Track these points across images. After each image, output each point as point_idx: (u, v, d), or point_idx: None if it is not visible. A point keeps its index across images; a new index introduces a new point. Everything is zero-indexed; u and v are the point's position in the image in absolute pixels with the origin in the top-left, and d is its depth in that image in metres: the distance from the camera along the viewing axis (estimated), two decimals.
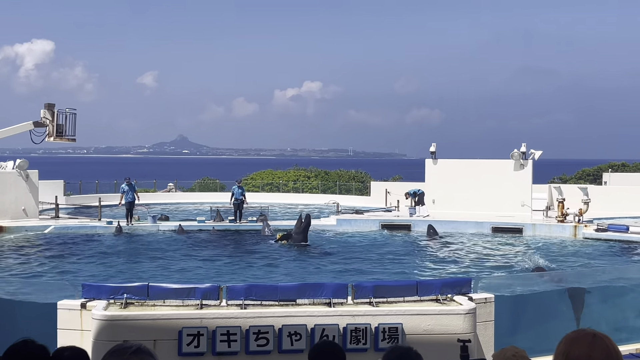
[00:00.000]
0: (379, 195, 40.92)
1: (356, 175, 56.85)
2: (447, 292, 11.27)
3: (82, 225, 29.31)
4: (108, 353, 3.32)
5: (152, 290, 10.85)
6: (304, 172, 56.67)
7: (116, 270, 20.25)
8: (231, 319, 10.20)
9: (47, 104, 31.44)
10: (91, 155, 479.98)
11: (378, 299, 10.90)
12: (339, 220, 30.94)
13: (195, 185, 53.87)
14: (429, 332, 10.41)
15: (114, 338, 9.97)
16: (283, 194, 48.10)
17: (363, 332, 10.21)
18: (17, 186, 30.30)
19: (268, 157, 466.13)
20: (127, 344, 3.30)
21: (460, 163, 35.38)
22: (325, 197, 44.52)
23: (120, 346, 3.30)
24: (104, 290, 11.02)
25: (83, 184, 46.01)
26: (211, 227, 29.35)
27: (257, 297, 10.76)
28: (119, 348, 3.29)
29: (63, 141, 32.27)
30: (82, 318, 10.79)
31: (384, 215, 33.62)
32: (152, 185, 52.82)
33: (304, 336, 10.09)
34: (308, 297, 10.83)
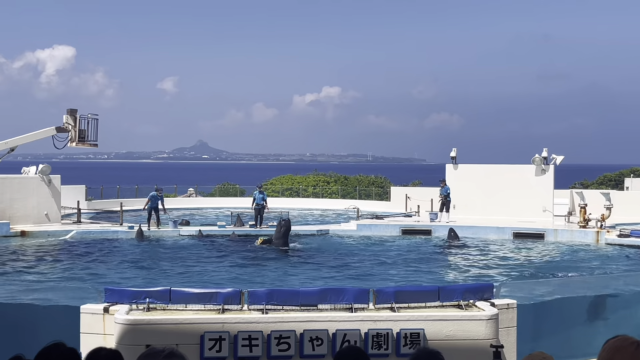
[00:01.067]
0: (399, 200, 40.82)
1: (376, 180, 56.75)
2: (469, 297, 11.21)
3: (103, 230, 29.49)
4: (142, 356, 3.33)
5: (174, 294, 10.89)
6: (324, 177, 56.66)
7: (138, 274, 20.35)
8: (253, 324, 10.21)
9: (69, 110, 31.66)
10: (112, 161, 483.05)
11: (399, 304, 10.87)
12: (359, 225, 30.89)
13: (216, 190, 54.03)
14: (451, 338, 10.36)
15: (137, 342, 10.02)
16: (303, 199, 48.12)
17: (385, 338, 10.18)
18: (39, 191, 30.54)
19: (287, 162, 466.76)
20: (159, 347, 3.31)
21: (480, 168, 35.23)
22: (345, 202, 44.47)
23: (153, 349, 3.32)
24: (126, 295, 11.07)
25: (104, 189, 46.27)
26: (231, 231, 29.42)
27: (278, 302, 10.77)
28: (151, 352, 3.31)
29: (85, 146, 32.47)
30: (104, 322, 10.84)
31: (404, 220, 33.53)
32: (172, 190, 53.04)
33: (325, 341, 10.08)
34: (329, 302, 10.83)
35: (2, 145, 30.60)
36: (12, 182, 30.53)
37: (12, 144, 30.69)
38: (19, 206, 29.83)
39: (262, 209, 30.97)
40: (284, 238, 25.75)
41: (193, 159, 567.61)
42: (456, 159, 35.08)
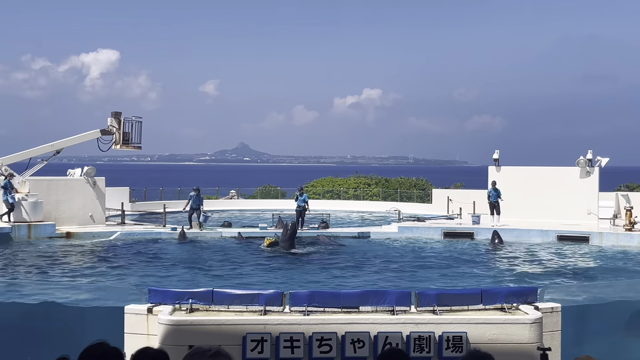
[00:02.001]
0: (441, 203, 40.57)
1: (417, 182, 56.50)
2: (513, 301, 11.10)
3: (147, 231, 29.82)
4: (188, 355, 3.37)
5: (217, 295, 10.97)
6: (365, 180, 56.56)
7: (180, 275, 20.54)
8: (294, 325, 10.24)
9: (113, 113, 32.08)
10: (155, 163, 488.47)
11: (442, 307, 10.80)
12: (401, 227, 30.78)
13: (257, 192, 54.31)
14: (493, 342, 10.26)
15: (180, 343, 10.12)
16: (343, 201, 48.11)
17: (427, 341, 10.13)
18: (84, 193, 31.00)
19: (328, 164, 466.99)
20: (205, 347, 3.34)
21: (524, 170, 34.87)
22: (386, 205, 44.35)
23: (199, 349, 3.35)
24: (169, 295, 11.19)
25: (148, 191, 46.81)
26: (272, 234, 29.52)
27: (320, 304, 10.78)
28: (198, 351, 3.34)
29: (129, 149, 32.87)
30: (148, 323, 10.96)
31: (446, 222, 33.31)
32: (214, 192, 53.44)
33: (367, 344, 10.06)
34: (371, 304, 10.81)
35: (48, 147, 31.13)
36: (58, 184, 31.05)
37: (58, 146, 31.21)
38: (64, 208, 30.32)
39: (303, 211, 31.04)
40: (290, 240, 25.96)
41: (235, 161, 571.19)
42: (499, 161, 34.76)
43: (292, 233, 26.12)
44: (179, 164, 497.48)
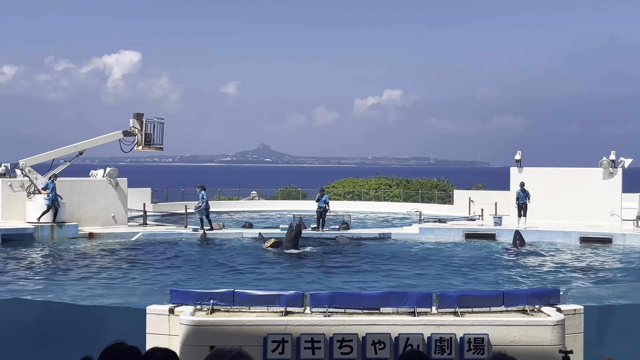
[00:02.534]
0: (462, 204, 40.43)
1: (438, 183, 56.31)
2: (535, 302, 11.04)
3: (169, 232, 29.97)
4: (209, 356, 3.38)
5: (238, 296, 11.00)
6: (385, 181, 56.47)
7: (201, 276, 20.61)
8: (315, 327, 10.25)
9: (135, 114, 32.26)
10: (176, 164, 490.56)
11: (463, 308, 10.77)
12: (422, 228, 30.69)
13: (278, 193, 54.39)
14: (515, 344, 10.21)
15: (201, 343, 10.16)
16: (364, 202, 48.06)
17: (448, 342, 10.10)
18: (107, 194, 31.20)
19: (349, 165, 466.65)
20: (226, 348, 3.36)
21: (546, 171, 34.65)
22: (407, 206, 44.23)
23: (220, 350, 3.37)
24: (191, 296, 11.24)
25: (170, 191, 47.04)
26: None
27: (340, 305, 10.78)
28: (219, 352, 3.36)
29: (151, 150, 33.04)
30: (170, 323, 11.02)
31: (467, 224, 33.18)
32: (235, 193, 53.59)
33: (387, 345, 10.05)
34: (392, 305, 10.79)
35: (71, 148, 31.37)
36: (81, 184, 31.28)
37: (81, 147, 31.44)
38: (87, 208, 30.54)
39: (324, 212, 31.05)
40: (294, 241, 25.86)
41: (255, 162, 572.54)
42: (521, 162, 34.57)
43: (296, 234, 26.08)
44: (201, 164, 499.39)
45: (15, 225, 28.39)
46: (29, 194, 29.32)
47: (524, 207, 31.14)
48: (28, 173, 29.41)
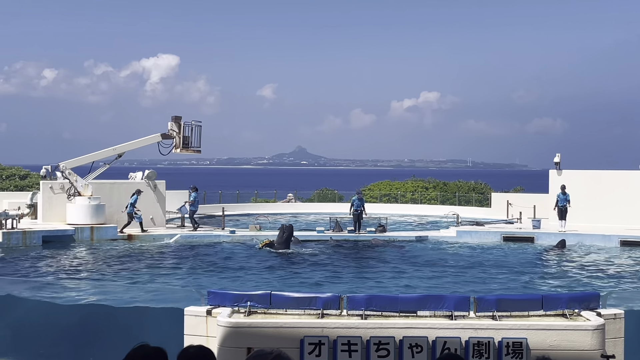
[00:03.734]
0: (500, 207, 40.09)
1: (476, 186, 55.87)
2: (574, 307, 10.92)
3: (206, 234, 30.17)
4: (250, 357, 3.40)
5: (275, 298, 11.04)
6: (422, 183, 56.20)
7: (237, 278, 20.71)
8: (352, 329, 10.25)
9: (174, 117, 32.52)
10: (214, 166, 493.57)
11: (501, 312, 10.68)
12: (459, 231, 30.50)
13: (314, 195, 54.44)
14: (554, 348, 10.10)
15: (238, 345, 10.21)
16: (401, 204, 47.90)
17: (486, 346, 10.02)
18: (145, 196, 31.50)
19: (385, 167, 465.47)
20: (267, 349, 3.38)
21: (586, 174, 34.18)
22: (444, 208, 43.97)
23: (261, 352, 3.39)
24: (228, 298, 11.31)
25: (207, 194, 47.34)
26: (328, 237, 29.59)
27: (377, 308, 10.76)
28: (259, 353, 3.38)
29: (189, 152, 33.28)
30: (207, 324, 11.10)
31: (505, 227, 32.89)
32: (272, 195, 53.81)
33: (425, 348, 10.01)
34: (429, 308, 10.75)
35: (110, 151, 31.75)
36: (120, 187, 31.66)
37: (120, 150, 31.80)
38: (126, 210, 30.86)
39: (360, 215, 31.01)
40: (286, 243, 26.35)
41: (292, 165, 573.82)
42: (560, 165, 34.18)
43: (287, 235, 26.53)
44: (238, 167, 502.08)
45: (56, 226, 28.82)
46: (69, 196, 29.74)
47: (564, 210, 30.73)
48: (68, 175, 29.83)
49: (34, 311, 15.73)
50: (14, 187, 43.80)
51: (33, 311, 15.74)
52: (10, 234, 26.26)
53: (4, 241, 25.84)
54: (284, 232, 26.57)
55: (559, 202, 31.00)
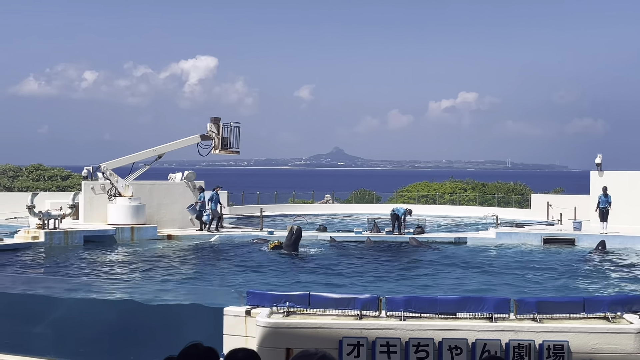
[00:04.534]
0: (540, 208, 39.67)
1: (515, 187, 55.34)
2: (617, 309, 10.74)
3: (245, 234, 30.34)
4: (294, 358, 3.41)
5: (313, 299, 11.05)
6: (461, 184, 55.83)
7: (275, 278, 20.79)
8: (391, 330, 10.21)
9: (213, 118, 32.76)
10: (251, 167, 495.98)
11: (542, 315, 10.56)
12: (499, 233, 30.24)
13: (352, 196, 54.41)
14: (597, 352, 9.96)
15: (277, 345, 10.24)
16: (439, 206, 47.66)
17: (526, 349, 9.92)
18: (185, 197, 31.77)
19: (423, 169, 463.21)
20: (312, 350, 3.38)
21: (628, 175, 33.62)
22: (483, 210, 43.66)
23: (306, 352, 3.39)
24: (267, 298, 11.34)
25: (245, 194, 47.60)
26: (366, 238, 29.55)
27: (416, 309, 10.71)
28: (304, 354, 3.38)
29: (227, 153, 33.48)
30: (246, 324, 11.15)
31: (545, 228, 32.54)
32: (310, 196, 53.90)
33: (464, 351, 9.93)
34: (469, 310, 10.67)
35: (151, 152, 32.09)
36: (160, 187, 31.98)
37: (160, 151, 32.12)
38: (165, 211, 31.18)
39: (400, 216, 30.89)
40: (295, 244, 26.48)
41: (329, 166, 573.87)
42: (601, 166, 33.69)
43: (296, 237, 26.69)
44: (275, 168, 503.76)
45: (97, 227, 29.22)
46: (110, 197, 30.12)
47: (605, 212, 30.27)
48: (109, 176, 30.22)
49: (74, 310, 15.96)
50: (56, 188, 44.52)
51: (73, 310, 15.97)
52: (53, 234, 26.68)
53: (46, 241, 26.27)
54: (293, 233, 26.75)
55: (601, 204, 30.56)
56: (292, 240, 26.57)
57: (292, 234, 26.77)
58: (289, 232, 27.11)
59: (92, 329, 15.42)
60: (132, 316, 15.41)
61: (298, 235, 26.84)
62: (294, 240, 26.62)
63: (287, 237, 26.86)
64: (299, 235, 26.91)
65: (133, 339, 14.79)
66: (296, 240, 26.67)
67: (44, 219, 27.05)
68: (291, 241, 26.55)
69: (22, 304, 16.49)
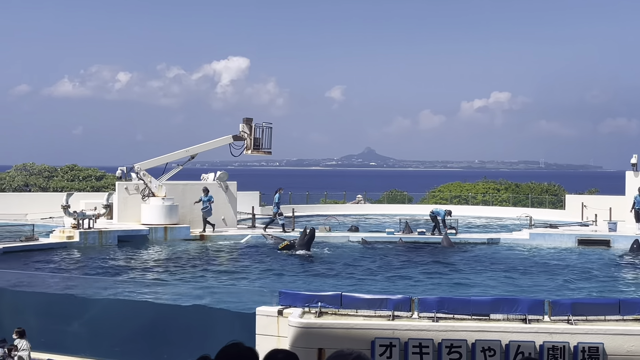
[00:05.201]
0: (574, 209, 39.21)
1: (549, 187, 54.78)
2: None
3: (276, 234, 30.38)
4: (329, 358, 3.41)
5: (345, 299, 11.05)
6: (494, 185, 55.40)
7: (306, 278, 20.80)
8: (423, 332, 10.18)
9: (245, 119, 32.85)
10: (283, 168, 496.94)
11: (577, 316, 10.45)
12: (532, 234, 29.95)
13: (383, 197, 54.25)
14: (632, 354, 9.84)
15: (309, 345, 10.26)
16: (472, 206, 47.33)
17: (561, 351, 9.83)
18: (217, 197, 31.89)
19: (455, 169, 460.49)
20: (347, 350, 3.37)
21: None
22: (517, 210, 43.27)
23: (341, 352, 3.38)
24: (299, 298, 11.37)
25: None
26: (398, 238, 29.45)
27: (449, 311, 10.67)
28: (340, 354, 3.37)
29: (260, 154, 33.56)
30: (278, 324, 11.18)
31: (580, 229, 32.16)
32: (341, 196, 53.85)
33: (498, 352, 9.87)
34: (502, 312, 10.60)
35: (183, 152, 32.29)
36: (193, 188, 32.14)
37: (193, 151, 32.30)
38: (198, 211, 31.31)
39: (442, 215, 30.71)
40: (307, 245, 26.35)
41: (361, 166, 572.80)
42: (637, 166, 33.22)
43: (309, 238, 26.59)
44: (307, 168, 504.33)
45: (131, 227, 29.48)
46: (143, 197, 30.37)
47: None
48: (143, 177, 30.46)
49: (108, 309, 16.13)
50: (90, 188, 45.02)
51: (108, 309, 16.14)
52: (87, 234, 26.98)
53: (81, 241, 26.57)
54: (306, 234, 26.70)
55: (636, 204, 30.13)
56: (304, 240, 26.53)
57: (306, 234, 26.73)
58: (302, 232, 27.11)
59: (126, 328, 15.58)
60: (164, 316, 15.53)
61: (311, 236, 26.79)
62: (307, 241, 26.57)
63: (300, 237, 26.84)
64: (312, 236, 26.85)
65: (166, 339, 14.91)
66: (309, 240, 26.62)
67: (79, 219, 27.36)
68: (304, 241, 26.52)
69: (57, 303, 16.72)
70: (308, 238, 26.65)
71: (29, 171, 48.69)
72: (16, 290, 17.24)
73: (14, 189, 45.47)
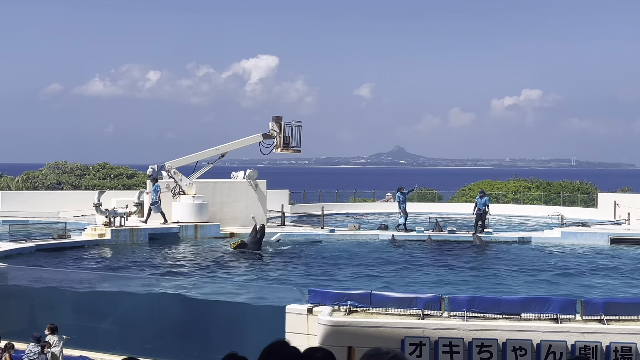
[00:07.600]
0: (607, 208, 38.74)
1: (581, 186, 54.18)
2: None
3: (306, 232, 30.43)
4: (365, 356, 3.39)
5: (375, 298, 11.03)
6: (525, 183, 54.91)
7: (337, 276, 20.79)
8: (453, 330, 10.13)
9: (274, 117, 32.93)
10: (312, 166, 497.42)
11: (609, 316, 10.33)
12: (564, 232, 29.66)
13: (413, 195, 54.04)
14: None
15: (339, 343, 10.25)
16: (502, 205, 46.94)
17: (593, 351, 9.72)
18: (247, 195, 32.03)
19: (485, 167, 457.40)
20: (384, 349, 3.35)
21: None
22: (548, 209, 42.85)
23: (377, 350, 3.36)
24: (329, 297, 11.37)
25: (306, 193, 47.74)
26: (427, 236, 29.32)
27: (479, 309, 10.60)
28: (376, 352, 3.36)
29: (289, 152, 33.63)
30: (308, 322, 11.19)
31: (613, 228, 31.78)
32: (371, 195, 53.75)
33: (529, 352, 9.79)
34: (533, 311, 10.51)
35: (213, 151, 32.46)
36: (222, 186, 32.30)
37: (223, 150, 32.46)
38: (228, 209, 31.48)
39: (483, 214, 30.53)
40: (258, 243, 26.35)
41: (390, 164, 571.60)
42: None
43: (260, 236, 26.57)
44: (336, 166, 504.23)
45: (162, 224, 29.67)
46: (174, 195, 30.56)
47: None
48: (173, 175, 30.67)
49: (139, 306, 16.26)
50: (121, 186, 45.43)
51: (139, 306, 16.27)
52: (119, 232, 27.21)
53: (112, 238, 26.81)
54: (257, 232, 26.67)
55: None
56: (256, 239, 26.52)
57: (256, 232, 26.70)
58: (252, 230, 27.02)
59: (157, 325, 15.70)
60: (195, 313, 15.62)
61: (262, 233, 26.80)
62: (259, 239, 26.57)
63: (251, 235, 26.77)
64: (263, 234, 26.83)
65: (196, 336, 14.99)
66: (260, 238, 26.63)
67: (110, 217, 27.61)
68: (255, 239, 26.50)
69: (89, 300, 16.89)
70: (259, 236, 26.65)
71: (61, 169, 49.26)
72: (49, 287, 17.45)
73: (47, 187, 46.02)
